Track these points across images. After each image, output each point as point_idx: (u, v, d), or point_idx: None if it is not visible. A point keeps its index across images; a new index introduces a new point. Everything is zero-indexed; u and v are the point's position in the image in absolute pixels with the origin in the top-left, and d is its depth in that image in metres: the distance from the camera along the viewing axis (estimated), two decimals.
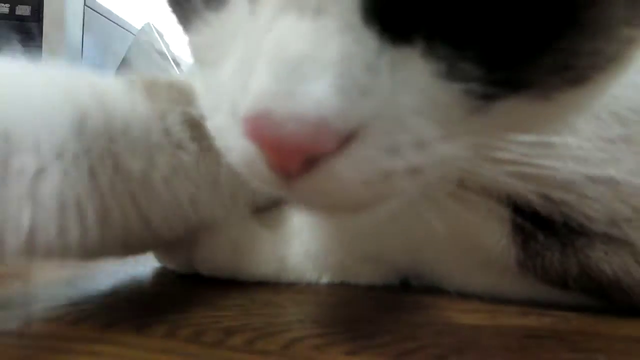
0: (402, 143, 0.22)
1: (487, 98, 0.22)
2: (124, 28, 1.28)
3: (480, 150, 0.24)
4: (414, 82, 0.22)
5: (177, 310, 0.31)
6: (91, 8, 1.11)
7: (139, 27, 1.13)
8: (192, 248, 0.38)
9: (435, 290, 0.39)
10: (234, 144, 0.23)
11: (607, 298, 0.36)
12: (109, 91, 0.32)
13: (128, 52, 1.12)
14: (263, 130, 0.21)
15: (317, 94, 0.20)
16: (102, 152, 0.30)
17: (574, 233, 0.36)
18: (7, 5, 1.05)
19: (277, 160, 0.22)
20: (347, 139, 0.21)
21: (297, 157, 0.21)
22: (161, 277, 0.41)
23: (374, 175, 0.22)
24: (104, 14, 1.19)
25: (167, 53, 1.10)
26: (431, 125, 0.22)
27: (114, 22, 1.24)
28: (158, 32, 1.09)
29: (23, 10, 1.05)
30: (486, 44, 0.22)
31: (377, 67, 0.21)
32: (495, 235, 0.36)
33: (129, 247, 0.33)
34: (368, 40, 0.21)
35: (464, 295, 0.38)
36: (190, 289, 0.38)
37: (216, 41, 0.25)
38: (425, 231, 0.37)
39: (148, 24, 1.09)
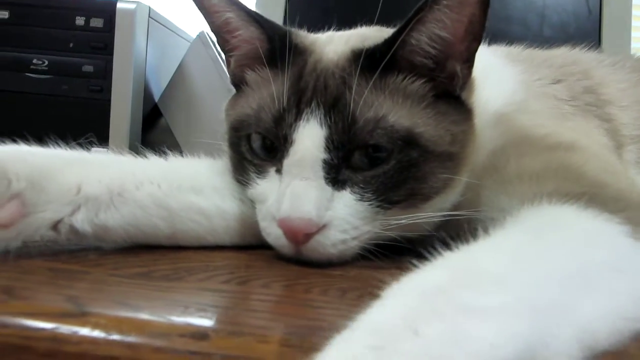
0: (346, 228, 0.53)
1: (381, 207, 0.54)
2: (180, 36, 1.38)
3: (383, 226, 0.55)
4: (347, 203, 0.54)
5: (307, 277, 0.51)
6: (154, 19, 1.23)
7: (194, 36, 1.19)
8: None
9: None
10: (272, 230, 0.55)
11: None
12: None
13: (184, 58, 1.18)
14: (286, 224, 0.53)
15: (308, 209, 0.52)
16: None
17: None
18: (83, 18, 1.17)
19: (291, 237, 0.53)
20: (322, 227, 0.52)
21: (300, 235, 0.52)
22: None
23: (336, 242, 0.53)
24: (164, 24, 1.29)
25: (219, 59, 1.21)
26: (357, 220, 0.54)
27: (172, 31, 1.35)
28: (211, 40, 1.16)
29: (97, 22, 1.17)
30: (375, 188, 0.54)
31: (331, 198, 0.54)
32: None
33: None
34: (328, 189, 0.54)
35: None
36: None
37: (264, 192, 0.57)
38: None
39: (202, 32, 1.16)
